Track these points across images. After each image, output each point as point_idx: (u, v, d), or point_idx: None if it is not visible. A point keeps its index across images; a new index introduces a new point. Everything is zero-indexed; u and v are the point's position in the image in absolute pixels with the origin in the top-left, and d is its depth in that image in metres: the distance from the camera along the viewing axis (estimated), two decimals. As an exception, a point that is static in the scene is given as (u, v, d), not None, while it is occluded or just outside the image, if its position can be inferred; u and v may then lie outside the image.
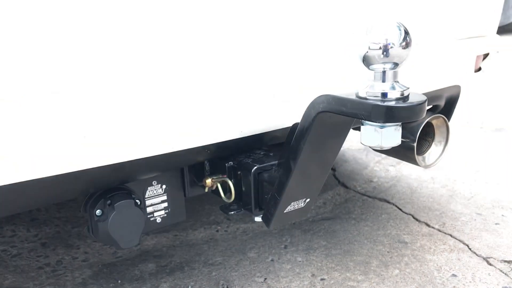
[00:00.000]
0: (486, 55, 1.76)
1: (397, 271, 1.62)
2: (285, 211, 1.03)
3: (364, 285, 1.55)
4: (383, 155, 2.71)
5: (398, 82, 0.78)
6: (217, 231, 1.93)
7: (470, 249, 1.76)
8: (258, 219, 1.15)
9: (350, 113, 0.78)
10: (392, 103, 0.74)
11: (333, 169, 2.52)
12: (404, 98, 0.76)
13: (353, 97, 0.78)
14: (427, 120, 1.47)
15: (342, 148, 2.80)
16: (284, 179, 0.97)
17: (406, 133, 1.48)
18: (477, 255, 1.72)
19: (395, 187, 2.30)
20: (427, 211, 2.05)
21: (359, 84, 0.81)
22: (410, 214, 2.02)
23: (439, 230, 1.89)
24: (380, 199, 2.17)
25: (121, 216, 1.01)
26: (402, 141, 1.50)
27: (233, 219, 2.01)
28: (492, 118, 3.43)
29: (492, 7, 1.56)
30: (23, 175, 0.82)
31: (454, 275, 1.60)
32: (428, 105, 1.51)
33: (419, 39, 1.25)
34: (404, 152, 1.51)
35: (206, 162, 1.18)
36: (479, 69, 1.74)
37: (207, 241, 1.86)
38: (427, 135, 1.55)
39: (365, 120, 0.77)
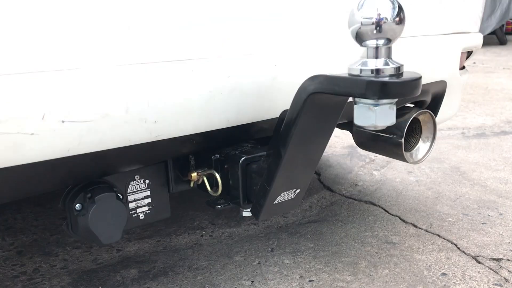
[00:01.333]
0: (469, 54, 1.77)
1: (386, 271, 1.59)
2: (274, 202, 1.00)
3: (354, 286, 1.51)
4: (367, 160, 2.70)
5: (391, 59, 0.75)
6: (202, 236, 1.88)
7: (458, 248, 1.74)
8: (246, 213, 1.11)
9: (343, 92, 0.75)
10: (387, 79, 0.72)
11: (318, 174, 2.49)
12: (398, 74, 0.74)
13: (346, 75, 0.76)
14: (413, 116, 1.45)
15: (325, 154, 2.78)
16: (274, 167, 0.93)
17: (393, 129, 1.46)
18: (466, 254, 1.70)
19: (381, 190, 2.28)
20: (414, 212, 2.03)
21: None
22: (397, 216, 2.00)
23: (427, 231, 1.87)
24: (366, 202, 2.15)
25: (102, 210, 0.95)
26: (389, 137, 1.49)
27: (218, 224, 1.97)
28: (473, 123, 3.45)
29: (475, 4, 1.56)
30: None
31: (444, 274, 1.57)
32: (414, 100, 1.50)
33: (405, 32, 1.23)
34: (392, 148, 1.49)
35: (191, 156, 1.13)
36: (463, 67, 1.74)
37: (191, 246, 1.80)
38: (414, 132, 1.54)
39: (359, 97, 0.74)
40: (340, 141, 2.98)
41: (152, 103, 0.88)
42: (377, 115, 0.75)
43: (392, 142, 1.47)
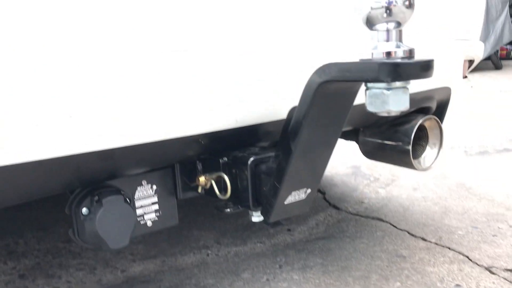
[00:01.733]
0: (471, 63, 1.78)
1: (398, 283, 1.55)
2: (285, 202, 0.97)
3: (366, 299, 1.47)
4: (372, 178, 2.68)
5: (402, 42, 0.75)
6: (208, 255, 1.84)
7: (470, 260, 1.70)
8: (255, 218, 1.08)
9: (355, 77, 0.74)
10: (399, 60, 0.71)
11: (323, 192, 2.47)
12: (410, 57, 0.73)
13: (357, 61, 0.75)
14: (420, 122, 1.44)
15: (329, 173, 2.76)
16: (284, 163, 0.92)
17: (400, 136, 1.46)
18: (478, 265, 1.66)
19: (387, 207, 2.26)
20: (422, 226, 2.00)
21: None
22: (405, 230, 1.97)
23: (437, 244, 1.83)
24: (373, 218, 2.12)
25: (110, 213, 0.93)
26: (396, 144, 1.48)
27: (224, 243, 1.93)
28: (475, 142, 3.45)
29: (475, 14, 1.58)
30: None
31: (458, 285, 1.53)
32: (420, 106, 1.50)
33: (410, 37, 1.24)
34: (400, 156, 1.48)
35: (198, 162, 1.12)
36: (465, 77, 1.74)
37: (197, 265, 1.76)
38: (420, 139, 1.53)
39: (371, 82, 0.73)
40: (343, 161, 2.96)
41: (160, 100, 0.87)
42: (390, 99, 0.73)
43: (400, 150, 1.46)
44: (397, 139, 1.46)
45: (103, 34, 0.79)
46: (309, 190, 1.01)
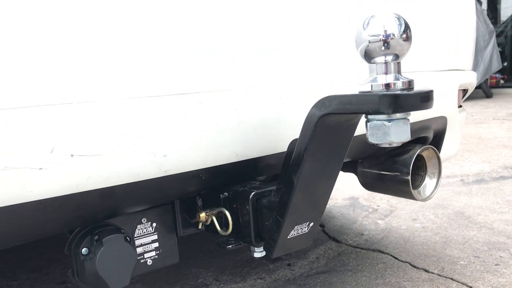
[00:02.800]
0: (465, 93, 1.79)
1: (403, 317, 1.52)
2: (288, 237, 0.96)
3: (371, 334, 1.44)
4: (370, 209, 2.66)
5: (401, 74, 0.76)
6: (207, 293, 1.80)
7: (474, 290, 1.68)
8: (257, 254, 1.06)
9: (356, 110, 0.75)
10: (399, 92, 0.71)
11: (322, 225, 2.45)
12: (409, 88, 0.74)
13: (357, 93, 0.76)
14: (418, 152, 1.44)
15: (328, 205, 2.74)
16: (286, 197, 0.91)
17: (399, 166, 1.45)
18: (483, 296, 1.64)
19: (387, 238, 2.23)
20: (424, 257, 1.97)
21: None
22: (407, 262, 1.94)
23: (439, 275, 1.81)
24: (374, 250, 2.09)
25: (110, 252, 0.91)
26: (395, 175, 1.48)
27: (223, 280, 1.89)
28: (471, 170, 3.45)
29: (467, 43, 1.61)
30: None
31: (463, 317, 1.50)
32: (417, 136, 1.50)
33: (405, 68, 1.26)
34: (399, 187, 1.47)
35: (198, 198, 1.11)
36: (460, 106, 1.76)
37: (197, 303, 1.72)
38: (419, 169, 1.53)
39: (372, 114, 0.74)
40: (340, 193, 2.95)
41: (161, 137, 0.86)
42: (391, 131, 0.74)
43: (399, 180, 1.46)
44: (395, 170, 1.46)
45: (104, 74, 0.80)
46: (312, 224, 0.99)
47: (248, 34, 0.95)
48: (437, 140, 1.55)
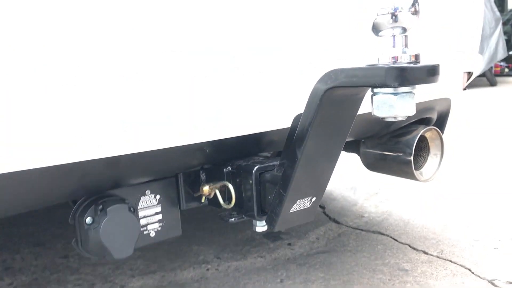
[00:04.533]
0: (470, 75, 1.79)
1: (401, 297, 1.54)
2: (290, 211, 0.97)
3: (370, 312, 1.46)
4: (371, 192, 2.67)
5: (408, 48, 0.75)
6: (208, 270, 1.82)
7: (473, 273, 1.69)
8: (259, 228, 1.07)
9: (362, 83, 0.75)
10: (405, 65, 0.71)
11: (322, 207, 2.46)
12: (416, 62, 0.74)
13: (363, 66, 0.76)
14: (421, 133, 1.45)
15: (329, 188, 2.75)
16: (289, 171, 0.91)
17: (402, 147, 1.46)
18: (481, 278, 1.65)
19: (387, 220, 2.25)
20: (423, 240, 1.99)
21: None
22: (406, 244, 1.96)
23: (438, 257, 1.83)
24: (374, 232, 2.11)
25: (114, 222, 0.92)
26: (397, 155, 1.48)
27: (224, 258, 1.91)
28: (473, 152, 3.45)
29: (474, 26, 1.60)
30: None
31: (461, 298, 1.52)
32: (421, 117, 1.50)
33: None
34: (401, 167, 1.48)
35: (201, 171, 1.11)
36: (464, 89, 1.76)
37: (197, 280, 1.74)
38: (421, 151, 1.53)
39: (378, 87, 0.74)
40: (342, 175, 2.96)
41: (168, 107, 0.87)
42: (397, 104, 0.74)
43: (401, 161, 1.46)
44: (398, 150, 1.47)
45: (113, 37, 0.80)
46: (314, 199, 1.00)
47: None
48: (441, 121, 1.55)
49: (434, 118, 1.52)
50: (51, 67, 0.74)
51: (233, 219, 1.07)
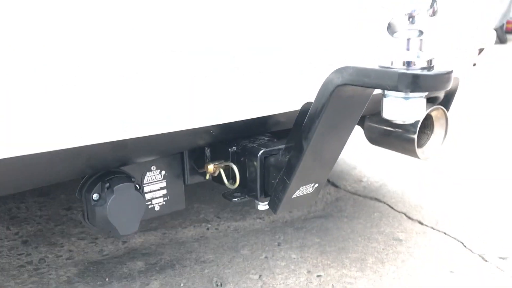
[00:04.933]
0: (481, 50, 1.76)
1: (393, 268, 1.59)
2: (293, 196, 0.99)
3: (362, 282, 1.51)
4: (372, 156, 2.69)
5: (423, 51, 0.74)
6: (208, 229, 1.87)
7: (465, 246, 1.74)
8: (261, 207, 1.10)
9: (373, 84, 0.74)
10: (419, 71, 0.71)
11: (322, 169, 2.48)
12: (430, 67, 0.73)
13: (376, 67, 0.75)
14: (427, 112, 1.44)
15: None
16: (294, 161, 0.92)
17: (407, 125, 1.46)
18: (472, 252, 1.70)
19: (386, 187, 2.28)
20: (420, 209, 2.03)
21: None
22: (402, 213, 2.00)
23: (433, 228, 1.87)
24: (371, 198, 2.15)
25: (121, 200, 0.94)
26: (401, 132, 1.49)
27: (224, 217, 1.96)
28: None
29: (488, 2, 1.55)
30: (17, 149, 0.75)
31: (451, 272, 1.57)
32: (428, 96, 1.49)
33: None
34: (404, 144, 1.49)
35: (207, 148, 1.12)
36: (474, 64, 1.73)
37: (197, 239, 1.79)
38: (425, 128, 1.53)
39: (390, 90, 0.73)
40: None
41: (175, 93, 0.86)
42: (407, 108, 0.74)
43: (405, 138, 1.47)
44: (402, 127, 1.47)
45: (120, 27, 0.79)
46: (316, 185, 1.02)
47: None
48: (447, 100, 1.54)
49: (441, 97, 1.51)
50: (60, 61, 0.74)
51: (236, 199, 1.09)
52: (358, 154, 2.72)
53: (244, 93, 0.96)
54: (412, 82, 0.70)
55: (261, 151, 1.02)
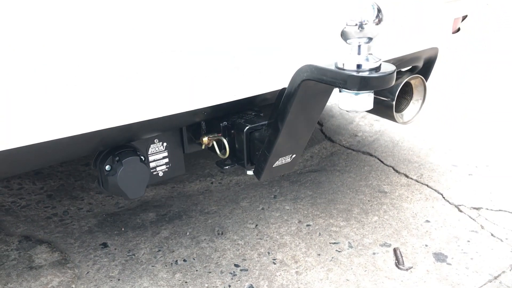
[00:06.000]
0: (464, 17, 1.86)
1: (376, 217, 1.78)
2: (273, 166, 1.17)
3: (346, 230, 1.71)
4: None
5: (371, 54, 0.89)
6: (212, 183, 2.07)
7: (444, 197, 1.92)
8: (250, 172, 1.28)
9: (329, 81, 0.90)
10: (366, 74, 0.86)
11: (320, 124, 2.65)
12: (376, 68, 0.88)
13: (333, 67, 0.90)
14: (406, 80, 1.58)
15: (329, 104, 2.92)
16: (272, 138, 1.10)
17: (386, 92, 1.60)
18: (449, 203, 1.88)
19: (378, 141, 2.44)
20: (407, 163, 2.19)
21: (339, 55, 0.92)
22: (391, 166, 2.17)
23: (417, 181, 2.04)
24: (364, 152, 2.32)
25: (128, 171, 1.13)
26: (382, 99, 1.63)
27: (227, 172, 2.15)
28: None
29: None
30: (43, 136, 0.94)
31: (427, 221, 1.76)
32: (406, 66, 1.63)
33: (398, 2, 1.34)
34: (384, 109, 1.64)
35: (202, 122, 1.30)
36: (458, 29, 1.84)
37: (202, 192, 2.00)
38: (405, 94, 1.67)
39: (342, 88, 0.89)
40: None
41: (172, 81, 1.03)
42: (357, 102, 0.89)
43: (384, 104, 1.62)
44: (382, 95, 1.61)
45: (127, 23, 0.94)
46: (294, 156, 1.20)
47: None
48: (426, 69, 1.67)
49: (420, 65, 1.64)
50: (71, 62, 0.90)
51: (227, 167, 1.28)
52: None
53: (237, 78, 1.12)
54: (359, 83, 0.86)
55: (247, 127, 1.19)
